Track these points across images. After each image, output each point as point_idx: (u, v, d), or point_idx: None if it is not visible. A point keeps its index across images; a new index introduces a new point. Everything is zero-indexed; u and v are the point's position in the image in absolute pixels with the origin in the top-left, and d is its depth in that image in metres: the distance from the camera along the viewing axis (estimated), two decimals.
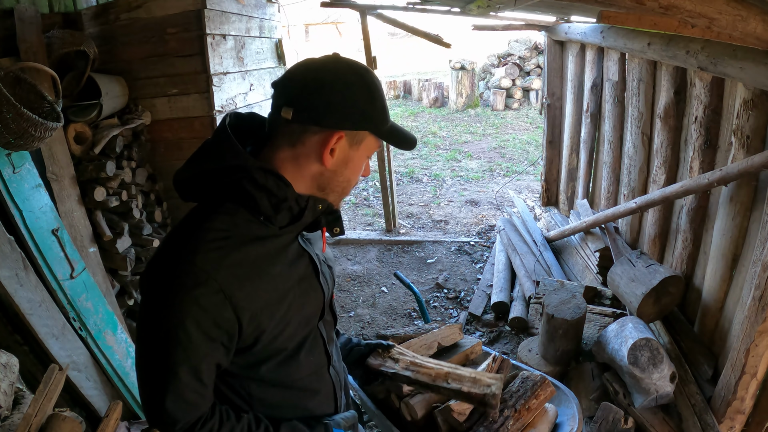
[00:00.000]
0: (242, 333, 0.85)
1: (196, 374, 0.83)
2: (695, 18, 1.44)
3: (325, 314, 1.04)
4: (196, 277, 0.79)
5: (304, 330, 0.97)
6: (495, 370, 1.86)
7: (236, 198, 0.85)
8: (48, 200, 2.15)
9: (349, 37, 22.43)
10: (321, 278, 1.00)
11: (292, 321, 0.92)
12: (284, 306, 0.90)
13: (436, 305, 3.65)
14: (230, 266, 0.81)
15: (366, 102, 0.88)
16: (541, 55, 9.30)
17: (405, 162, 7.12)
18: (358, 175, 0.96)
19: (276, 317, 0.88)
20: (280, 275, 0.89)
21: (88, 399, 2.20)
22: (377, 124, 0.90)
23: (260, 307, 0.85)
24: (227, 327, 0.82)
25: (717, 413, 2.12)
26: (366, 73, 0.90)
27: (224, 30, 2.81)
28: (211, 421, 0.89)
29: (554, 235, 3.86)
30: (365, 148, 0.92)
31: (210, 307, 0.80)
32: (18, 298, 1.92)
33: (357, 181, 0.97)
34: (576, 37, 3.72)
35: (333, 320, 1.12)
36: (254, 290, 0.84)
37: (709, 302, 2.40)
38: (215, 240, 0.82)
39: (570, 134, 4.15)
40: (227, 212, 0.85)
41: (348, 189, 0.96)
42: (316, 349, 1.02)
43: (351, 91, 0.86)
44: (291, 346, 0.95)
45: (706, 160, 2.43)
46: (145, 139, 2.83)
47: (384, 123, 0.91)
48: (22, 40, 2.17)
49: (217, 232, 0.83)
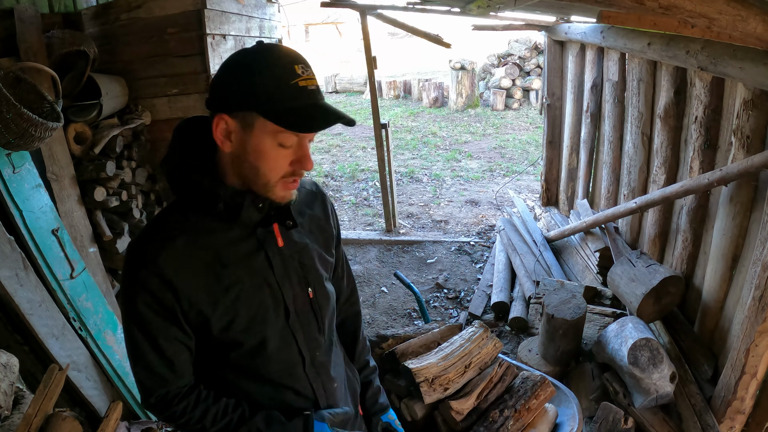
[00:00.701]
0: (186, 316, 0.91)
1: (156, 349, 0.92)
2: (695, 18, 1.44)
3: (291, 313, 1.00)
4: (142, 261, 0.89)
5: (264, 325, 0.97)
6: (499, 376, 1.86)
7: (187, 195, 0.93)
8: (48, 200, 2.15)
9: (349, 37, 22.43)
10: (278, 275, 0.97)
11: (242, 313, 0.94)
12: (229, 297, 0.92)
13: (436, 305, 3.64)
14: (172, 254, 0.89)
15: (245, 82, 0.83)
16: (541, 55, 9.30)
17: (405, 162, 7.13)
18: (270, 164, 0.87)
19: (220, 307, 0.92)
20: (226, 268, 0.92)
21: (88, 399, 2.20)
22: (263, 105, 0.83)
23: (199, 295, 0.91)
24: (170, 307, 0.90)
25: (717, 413, 2.12)
26: (254, 53, 0.85)
27: (224, 30, 2.81)
28: (187, 398, 0.96)
29: (554, 235, 3.85)
30: (260, 131, 0.85)
31: (153, 289, 0.88)
32: (18, 298, 1.92)
33: (273, 171, 0.88)
34: (576, 37, 3.72)
35: (316, 321, 1.05)
36: (193, 278, 0.90)
37: (709, 302, 2.40)
38: (164, 230, 0.92)
39: (570, 134, 4.15)
40: (181, 207, 0.94)
41: (262, 179, 0.88)
42: (287, 347, 1.01)
43: (230, 72, 0.87)
44: (252, 341, 0.97)
45: (706, 160, 2.43)
46: (145, 139, 2.83)
47: (274, 103, 0.82)
48: (22, 40, 2.17)
49: (168, 224, 0.93)
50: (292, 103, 0.83)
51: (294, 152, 0.89)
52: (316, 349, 1.07)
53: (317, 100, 0.85)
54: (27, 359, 2.02)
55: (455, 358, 1.84)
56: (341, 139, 8.53)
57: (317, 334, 1.06)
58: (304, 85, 0.84)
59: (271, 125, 0.84)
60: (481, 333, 1.96)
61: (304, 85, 0.84)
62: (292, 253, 1.01)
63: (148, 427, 2.35)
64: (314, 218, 1.09)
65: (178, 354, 0.94)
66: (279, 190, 0.90)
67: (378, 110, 4.43)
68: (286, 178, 0.90)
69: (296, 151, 0.89)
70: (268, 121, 0.84)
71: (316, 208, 1.10)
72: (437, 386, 1.76)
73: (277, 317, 0.99)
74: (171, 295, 0.89)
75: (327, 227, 1.12)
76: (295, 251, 1.01)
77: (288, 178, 0.90)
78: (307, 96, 0.84)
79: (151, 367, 0.93)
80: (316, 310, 1.05)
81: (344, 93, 12.58)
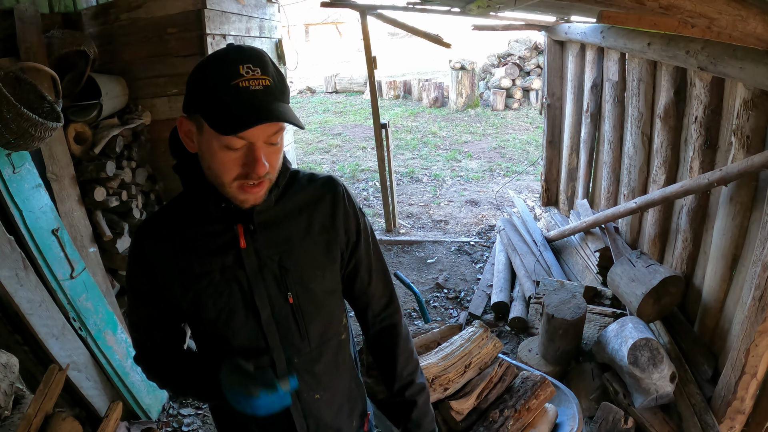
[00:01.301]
0: (161, 293, 1.01)
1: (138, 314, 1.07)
2: (695, 18, 1.44)
3: (263, 315, 0.98)
4: (135, 242, 1.03)
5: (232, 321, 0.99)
6: (499, 376, 1.86)
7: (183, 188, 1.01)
8: (48, 200, 2.15)
9: (349, 37, 22.43)
10: (250, 275, 0.97)
11: (209, 304, 0.99)
12: (199, 286, 0.98)
13: (436, 305, 3.65)
14: (158, 238, 1.00)
15: (196, 84, 0.86)
16: (541, 55, 9.30)
17: (405, 162, 7.13)
18: (220, 166, 0.86)
19: (189, 293, 0.99)
20: (201, 257, 0.98)
21: (88, 399, 2.20)
22: (204, 107, 0.83)
23: (171, 277, 0.99)
24: (151, 282, 1.01)
25: (717, 413, 2.12)
26: (210, 56, 0.86)
27: (224, 30, 2.81)
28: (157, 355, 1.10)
29: (554, 235, 3.86)
30: (207, 133, 0.85)
31: (139, 265, 1.02)
32: (18, 298, 1.92)
33: (225, 173, 0.87)
34: (576, 37, 3.72)
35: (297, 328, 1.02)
36: (170, 262, 0.99)
37: (709, 302, 2.40)
38: (159, 217, 1.03)
39: (570, 134, 4.15)
40: (180, 198, 1.03)
41: (217, 180, 0.88)
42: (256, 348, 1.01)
43: (191, 75, 0.88)
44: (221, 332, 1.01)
45: (706, 160, 2.43)
46: (145, 139, 2.83)
47: (212, 104, 0.82)
48: (22, 40, 2.17)
49: (164, 212, 1.03)
50: (227, 103, 0.81)
51: (244, 155, 0.85)
52: (294, 356, 1.03)
53: (253, 100, 0.81)
54: (27, 359, 2.02)
55: (455, 358, 1.84)
56: (341, 139, 8.54)
57: (298, 340, 1.03)
58: (244, 86, 0.81)
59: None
60: (481, 333, 1.96)
61: (245, 85, 0.81)
62: (272, 254, 0.98)
63: (148, 427, 2.35)
64: (315, 220, 1.02)
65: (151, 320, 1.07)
66: (235, 192, 0.89)
67: (378, 110, 4.43)
68: (239, 181, 0.87)
69: (246, 154, 0.85)
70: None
71: (321, 209, 1.03)
72: (437, 386, 1.76)
73: (246, 316, 0.99)
74: (151, 272, 1.00)
75: (331, 229, 1.04)
76: (275, 252, 0.98)
77: (242, 181, 0.87)
78: (246, 97, 0.81)
79: (137, 325, 1.09)
80: (298, 318, 1.01)
81: (344, 93, 12.57)
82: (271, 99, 0.83)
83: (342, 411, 1.13)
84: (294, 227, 1.01)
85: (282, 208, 1.00)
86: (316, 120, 9.98)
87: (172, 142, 1.00)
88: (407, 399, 1.17)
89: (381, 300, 1.17)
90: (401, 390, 1.17)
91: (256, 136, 0.84)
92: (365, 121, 9.60)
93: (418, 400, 1.17)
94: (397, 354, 1.16)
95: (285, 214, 1.00)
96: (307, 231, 1.02)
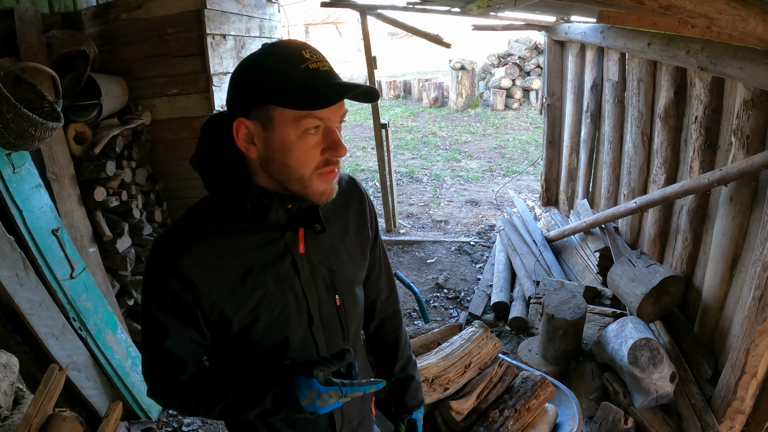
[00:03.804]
0: (206, 318, 0.91)
1: (167, 348, 0.91)
2: (695, 18, 1.44)
3: (315, 320, 0.98)
4: (164, 261, 0.88)
5: (286, 331, 0.95)
6: (499, 376, 1.87)
7: (216, 194, 0.92)
8: (48, 200, 2.15)
9: (349, 37, 22.42)
10: (304, 281, 0.95)
11: (263, 317, 0.92)
12: (253, 301, 0.91)
13: (436, 305, 3.65)
14: (195, 255, 0.87)
15: (256, 80, 0.82)
16: (541, 55, 9.30)
17: (405, 162, 7.13)
18: (299, 157, 0.83)
19: (242, 310, 0.91)
20: (252, 271, 0.90)
21: (88, 399, 2.20)
22: (277, 95, 0.81)
23: (222, 297, 0.89)
24: (190, 309, 0.89)
25: (717, 413, 2.12)
26: (258, 53, 0.84)
27: (224, 30, 2.81)
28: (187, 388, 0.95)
29: (554, 235, 3.86)
30: (281, 124, 0.82)
31: (174, 290, 0.87)
32: (18, 298, 1.92)
33: (305, 164, 0.84)
34: (576, 37, 3.72)
35: (341, 328, 1.03)
36: (216, 281, 0.88)
37: (709, 302, 2.40)
38: (189, 230, 0.90)
39: (570, 134, 4.15)
40: (208, 206, 0.92)
41: (295, 175, 0.85)
42: (307, 353, 0.99)
43: (240, 77, 0.85)
44: (270, 345, 0.95)
45: (706, 160, 2.43)
46: (145, 139, 2.83)
47: (287, 89, 0.80)
48: (22, 40, 2.17)
49: (193, 223, 0.91)
50: (306, 82, 0.80)
51: (322, 139, 0.84)
52: None
53: (331, 78, 0.81)
54: (27, 359, 2.02)
55: (455, 358, 1.84)
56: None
57: (341, 341, 1.04)
58: (314, 67, 0.81)
59: (289, 113, 0.81)
60: (481, 333, 1.96)
61: (315, 67, 0.81)
62: (321, 258, 0.97)
63: (148, 427, 2.35)
64: (351, 220, 1.04)
65: (189, 351, 0.93)
66: (316, 183, 0.85)
67: (378, 110, 4.44)
68: (320, 169, 0.85)
69: (324, 137, 0.84)
70: (285, 109, 0.81)
71: (353, 209, 1.04)
72: (437, 386, 1.76)
73: (300, 323, 0.97)
74: (191, 297, 0.88)
75: (364, 229, 1.06)
76: (324, 257, 0.98)
77: (323, 168, 0.85)
78: (320, 76, 0.81)
79: (160, 364, 0.94)
80: (342, 318, 1.02)
81: None
82: (338, 77, 0.84)
83: (364, 402, 1.18)
84: (336, 229, 1.00)
85: (324, 211, 0.97)
86: None
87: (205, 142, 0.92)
88: (408, 374, 1.27)
89: (387, 290, 1.23)
90: (403, 367, 1.26)
91: (332, 117, 0.84)
92: (365, 121, 9.60)
93: (414, 374, 1.29)
94: (400, 336, 1.26)
95: (327, 217, 0.97)
96: (345, 232, 1.03)
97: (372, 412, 1.26)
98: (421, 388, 1.32)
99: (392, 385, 1.28)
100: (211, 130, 0.92)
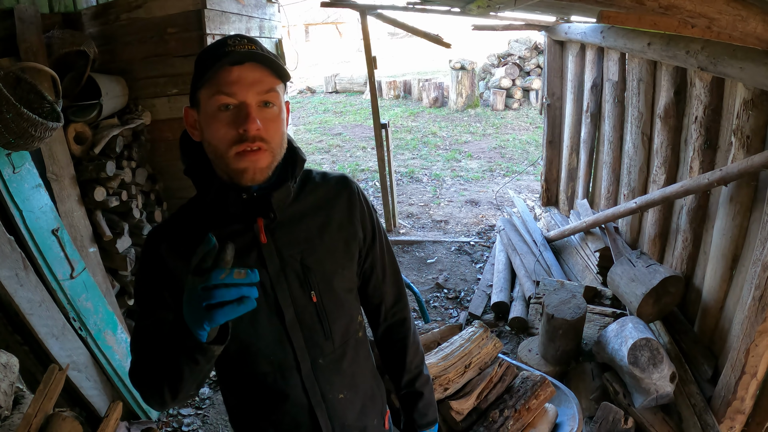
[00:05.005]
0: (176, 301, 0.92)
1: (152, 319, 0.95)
2: (695, 18, 1.44)
3: (287, 316, 0.97)
4: (148, 244, 0.98)
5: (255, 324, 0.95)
6: (499, 376, 1.86)
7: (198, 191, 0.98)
8: (48, 200, 2.15)
9: (349, 37, 22.43)
10: (272, 274, 0.96)
11: None
12: None
13: (436, 305, 3.65)
14: (172, 242, 0.96)
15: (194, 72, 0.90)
16: (541, 55, 9.29)
17: (405, 162, 7.13)
18: (215, 133, 0.88)
19: None
20: None
21: (88, 399, 2.20)
22: (196, 79, 0.88)
23: None
24: (162, 290, 0.95)
25: (717, 413, 2.12)
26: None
27: (224, 30, 2.81)
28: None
29: (554, 235, 3.86)
30: (204, 103, 0.89)
31: (152, 271, 0.96)
32: (18, 298, 1.92)
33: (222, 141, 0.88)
34: (576, 37, 3.72)
35: (321, 327, 1.01)
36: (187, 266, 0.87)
37: (709, 302, 2.40)
38: (172, 222, 1.00)
39: (570, 134, 4.15)
40: (192, 202, 1.01)
41: (217, 152, 0.89)
42: (281, 350, 0.99)
43: None
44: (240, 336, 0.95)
45: (706, 160, 2.43)
46: (145, 139, 2.83)
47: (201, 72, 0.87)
48: (22, 40, 2.17)
49: (178, 215, 1.00)
50: (213, 62, 0.86)
51: (235, 115, 0.87)
52: (319, 356, 1.02)
53: (237, 54, 0.86)
54: (27, 359, 2.02)
55: (455, 358, 1.84)
56: (341, 139, 8.54)
57: (322, 340, 1.02)
58: (230, 50, 0.86)
59: (205, 92, 0.87)
60: (481, 333, 1.96)
61: (231, 50, 0.86)
62: (293, 252, 0.97)
63: (148, 427, 2.35)
64: (333, 217, 1.03)
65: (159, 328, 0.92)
66: (234, 161, 0.88)
67: (378, 110, 4.44)
68: (236, 146, 0.87)
69: (237, 112, 0.87)
70: (204, 88, 0.87)
71: (338, 206, 1.04)
72: (437, 386, 1.76)
73: (270, 317, 0.97)
74: (167, 277, 0.94)
75: (350, 227, 1.05)
76: (296, 251, 0.97)
77: (238, 146, 0.87)
78: (231, 52, 0.86)
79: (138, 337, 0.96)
80: (322, 316, 1.01)
81: (344, 93, 12.57)
82: (256, 54, 0.87)
83: (365, 409, 1.13)
84: (313, 225, 1.00)
85: (300, 206, 0.99)
86: (316, 120, 9.97)
87: (183, 144, 0.99)
88: (416, 390, 1.21)
89: (393, 296, 1.19)
90: (411, 381, 1.21)
91: (245, 92, 0.86)
92: (365, 121, 9.60)
93: (424, 391, 1.22)
94: (408, 346, 1.20)
95: (303, 212, 0.99)
96: (326, 229, 1.02)
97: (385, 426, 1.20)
98: (435, 406, 1.25)
99: (402, 399, 1.24)
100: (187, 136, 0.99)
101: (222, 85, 0.85)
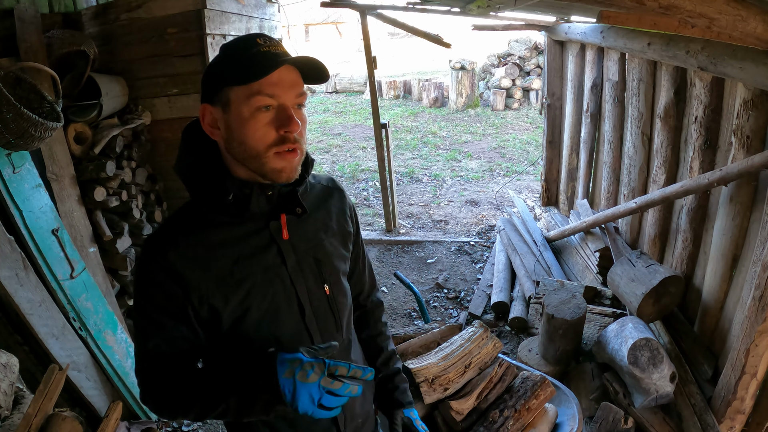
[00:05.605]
0: (196, 312, 0.92)
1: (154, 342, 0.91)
2: (695, 18, 1.44)
3: (307, 311, 0.99)
4: (153, 256, 0.91)
5: (277, 323, 0.96)
6: (499, 376, 1.86)
7: (199, 192, 0.94)
8: (48, 200, 2.15)
9: (349, 37, 22.43)
10: (291, 270, 0.97)
11: (254, 308, 0.93)
12: (241, 292, 0.92)
13: (436, 305, 3.65)
14: (182, 248, 0.90)
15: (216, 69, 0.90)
16: (541, 55, 9.29)
17: (405, 162, 7.13)
18: (253, 133, 0.87)
19: (232, 302, 0.92)
20: (238, 262, 0.93)
21: (88, 399, 2.20)
22: (230, 77, 0.87)
23: (210, 290, 0.91)
24: (179, 303, 0.91)
25: (717, 413, 2.12)
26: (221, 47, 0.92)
27: (224, 30, 2.81)
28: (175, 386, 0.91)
29: (554, 235, 3.86)
30: (236, 103, 0.87)
31: (162, 283, 0.90)
32: (18, 298, 1.92)
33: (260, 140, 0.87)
34: (576, 37, 3.72)
35: (334, 319, 1.04)
36: (204, 273, 0.91)
37: (709, 302, 2.40)
38: (177, 226, 0.94)
39: (570, 134, 4.15)
40: (196, 204, 0.96)
41: (252, 152, 0.88)
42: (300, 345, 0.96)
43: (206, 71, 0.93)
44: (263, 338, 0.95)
45: (706, 160, 2.43)
46: (145, 139, 2.83)
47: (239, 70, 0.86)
48: (22, 40, 2.17)
49: (180, 219, 0.95)
50: (252, 59, 0.86)
51: (276, 116, 0.87)
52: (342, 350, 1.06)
53: (275, 56, 0.86)
54: (27, 359, 2.02)
55: (455, 358, 1.84)
56: (341, 139, 8.54)
57: (335, 333, 1.04)
58: (265, 50, 0.86)
59: (242, 91, 0.86)
60: (481, 333, 1.96)
61: (266, 50, 0.86)
62: (307, 248, 1.00)
63: (148, 427, 2.35)
64: (331, 214, 1.08)
65: (180, 352, 0.93)
66: (273, 161, 0.88)
67: (378, 110, 4.43)
68: (276, 147, 0.87)
69: (278, 114, 0.87)
70: (238, 88, 0.86)
71: (333, 204, 1.09)
72: (437, 386, 1.76)
73: (291, 314, 0.98)
74: (180, 291, 0.90)
75: (345, 224, 1.10)
76: (309, 246, 1.00)
77: (279, 147, 0.87)
78: (269, 56, 0.86)
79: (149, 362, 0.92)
80: (334, 308, 1.04)
81: (344, 93, 12.58)
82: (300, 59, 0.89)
83: (366, 397, 1.17)
84: (317, 221, 1.04)
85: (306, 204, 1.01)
86: (316, 120, 9.98)
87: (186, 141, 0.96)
88: (395, 368, 1.29)
89: (370, 284, 1.28)
90: (387, 360, 1.28)
91: (284, 94, 0.87)
92: (365, 121, 9.60)
93: (400, 367, 1.31)
94: (381, 327, 1.30)
95: (308, 208, 1.01)
96: (328, 225, 1.06)
97: (376, 412, 1.24)
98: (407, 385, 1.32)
99: (380, 382, 1.27)
100: (191, 134, 0.97)
101: (263, 86, 0.85)
